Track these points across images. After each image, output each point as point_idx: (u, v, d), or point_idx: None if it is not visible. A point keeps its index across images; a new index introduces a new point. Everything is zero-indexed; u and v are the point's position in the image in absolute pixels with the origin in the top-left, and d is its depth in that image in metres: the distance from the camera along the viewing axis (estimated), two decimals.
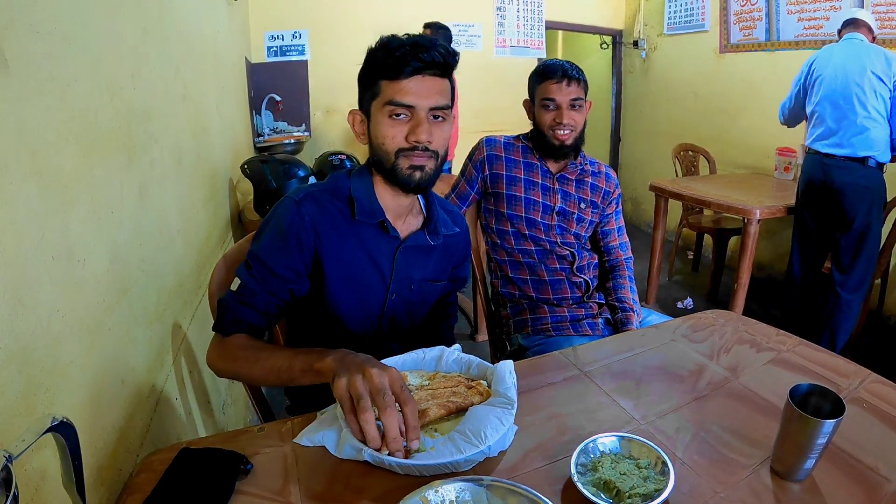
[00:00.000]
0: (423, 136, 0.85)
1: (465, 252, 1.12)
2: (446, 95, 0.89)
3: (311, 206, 0.90)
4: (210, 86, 1.95)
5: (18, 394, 0.57)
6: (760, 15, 3.34)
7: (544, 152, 1.46)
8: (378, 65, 0.87)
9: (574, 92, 1.38)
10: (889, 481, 0.67)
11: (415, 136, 0.86)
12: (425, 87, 0.85)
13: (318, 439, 0.73)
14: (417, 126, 0.86)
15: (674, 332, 1.09)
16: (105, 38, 0.91)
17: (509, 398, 0.77)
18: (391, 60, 0.84)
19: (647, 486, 0.63)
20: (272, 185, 2.10)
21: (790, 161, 3.07)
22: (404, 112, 0.86)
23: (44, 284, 0.64)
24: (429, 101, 0.86)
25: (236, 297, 0.89)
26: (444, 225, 1.01)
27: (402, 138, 0.87)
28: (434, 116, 0.88)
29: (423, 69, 0.85)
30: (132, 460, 0.84)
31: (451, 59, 0.88)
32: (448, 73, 0.89)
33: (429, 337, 1.09)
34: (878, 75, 2.12)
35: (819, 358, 0.98)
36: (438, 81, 0.87)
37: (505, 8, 4.18)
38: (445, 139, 0.91)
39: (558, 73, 1.37)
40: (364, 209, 0.92)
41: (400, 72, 0.84)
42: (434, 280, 1.05)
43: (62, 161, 0.71)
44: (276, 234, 0.89)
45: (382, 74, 0.86)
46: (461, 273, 1.13)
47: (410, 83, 0.85)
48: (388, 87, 0.86)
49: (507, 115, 4.35)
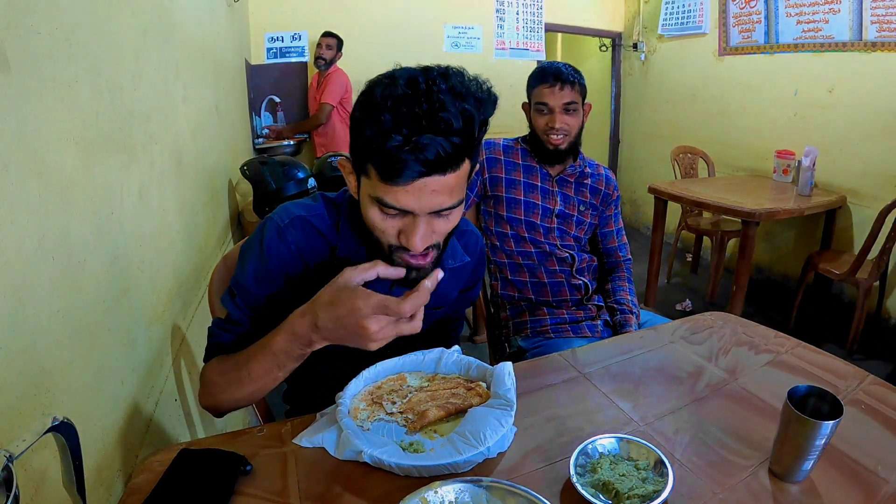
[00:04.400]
0: (417, 244, 0.69)
1: (477, 275, 1.01)
2: (458, 190, 0.69)
3: (297, 234, 0.80)
4: (210, 87, 1.95)
5: (18, 394, 0.57)
6: (759, 17, 3.35)
7: (541, 156, 1.47)
8: (366, 144, 0.65)
9: (568, 96, 1.37)
10: (887, 482, 0.67)
11: (407, 242, 0.69)
12: (427, 192, 0.66)
13: (318, 440, 0.73)
14: (412, 233, 0.68)
15: (673, 333, 1.09)
16: (105, 39, 0.91)
17: (508, 400, 0.77)
18: (382, 155, 0.63)
19: (645, 488, 0.63)
20: (272, 186, 2.10)
21: (789, 163, 3.08)
22: (397, 213, 0.69)
23: (44, 285, 0.64)
24: (431, 204, 0.67)
25: (222, 327, 0.82)
26: (453, 256, 0.90)
27: (393, 234, 0.71)
28: (439, 214, 0.70)
29: (427, 173, 0.64)
30: (132, 461, 0.84)
31: (474, 133, 0.66)
32: (466, 156, 0.68)
33: (433, 345, 1.05)
34: None
35: (817, 360, 0.98)
36: (452, 177, 0.66)
37: (504, 10, 4.19)
38: (452, 225, 0.73)
39: (552, 77, 1.37)
40: (348, 248, 0.82)
41: (396, 175, 0.64)
42: (435, 307, 0.94)
43: (62, 161, 0.72)
44: (261, 264, 0.80)
45: (371, 161, 0.66)
46: (471, 295, 1.03)
47: (408, 189, 0.65)
48: (378, 184, 0.67)
49: (506, 117, 4.30)
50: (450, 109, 0.62)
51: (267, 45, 3.63)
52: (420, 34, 3.95)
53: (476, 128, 0.66)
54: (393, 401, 0.79)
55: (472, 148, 0.69)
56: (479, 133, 0.68)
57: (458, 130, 0.63)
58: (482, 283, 1.59)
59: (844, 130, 2.93)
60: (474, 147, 0.69)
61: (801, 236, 3.22)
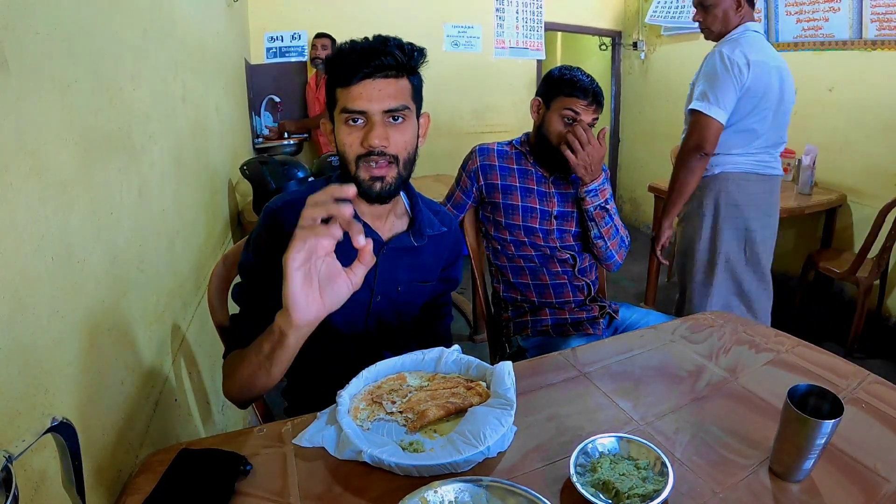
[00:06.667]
0: (375, 140, 0.83)
1: (455, 252, 1.10)
2: (403, 96, 0.86)
3: (290, 214, 0.87)
4: (209, 87, 1.95)
5: (18, 394, 0.57)
6: (759, 16, 3.34)
7: (545, 162, 1.43)
8: (333, 73, 0.86)
9: (595, 114, 1.36)
10: (888, 481, 0.67)
11: (368, 141, 0.84)
12: (376, 91, 0.83)
13: (318, 440, 0.73)
14: (370, 130, 0.84)
15: (673, 332, 1.09)
16: (105, 39, 0.91)
17: (508, 399, 0.77)
18: (342, 68, 0.84)
19: (645, 487, 0.63)
20: (271, 186, 2.10)
21: (789, 162, 3.08)
22: (360, 118, 0.85)
23: (44, 285, 0.64)
24: (381, 104, 0.84)
25: (236, 318, 0.94)
26: (430, 226, 0.99)
27: (358, 144, 0.85)
28: (392, 118, 0.86)
29: (374, 73, 0.83)
30: (132, 461, 0.84)
31: (408, 58, 0.85)
32: (407, 72, 0.87)
33: (424, 337, 1.08)
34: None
35: (818, 359, 0.98)
36: (392, 83, 0.85)
37: (504, 9, 4.18)
38: (407, 141, 0.88)
39: (590, 97, 1.33)
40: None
41: (350, 79, 0.83)
42: (423, 281, 1.03)
43: (62, 162, 0.72)
44: (260, 245, 0.90)
45: (337, 82, 0.86)
46: (452, 274, 1.11)
47: (360, 88, 0.83)
48: (342, 95, 0.85)
49: (505, 116, 4.37)
50: (396, 41, 0.86)
51: (266, 44, 3.63)
52: (420, 33, 3.91)
53: (409, 51, 0.86)
54: (393, 400, 0.79)
55: (410, 70, 0.87)
56: (413, 60, 0.86)
57: (395, 45, 0.84)
58: (476, 279, 1.59)
59: (845, 129, 2.93)
60: (412, 71, 0.88)
61: (802, 235, 3.22)
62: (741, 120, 1.76)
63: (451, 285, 1.13)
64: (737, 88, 1.70)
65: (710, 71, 1.73)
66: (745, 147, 1.80)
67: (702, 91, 1.75)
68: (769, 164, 1.85)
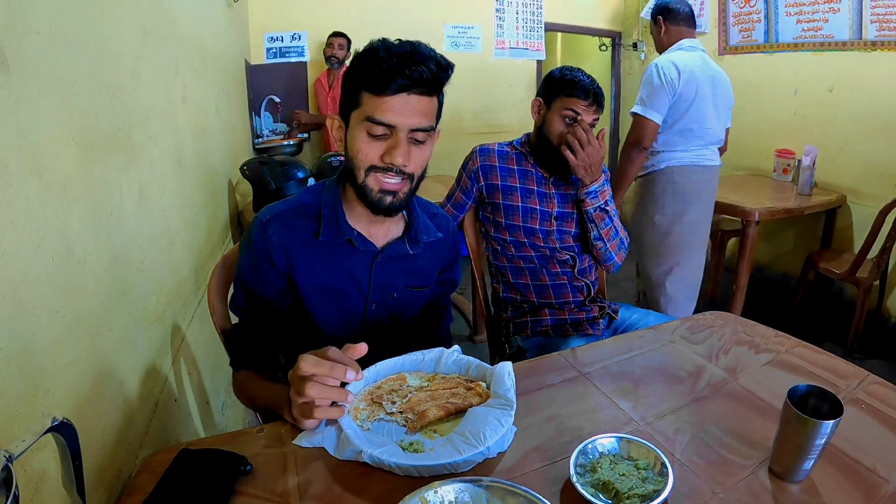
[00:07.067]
0: (399, 158, 0.81)
1: (452, 256, 1.08)
2: (431, 116, 0.84)
3: (278, 226, 0.90)
4: (209, 87, 1.95)
5: (18, 394, 0.57)
6: (759, 17, 3.35)
7: (545, 162, 1.43)
8: (362, 74, 0.81)
9: (596, 114, 1.37)
10: (887, 482, 0.67)
11: (390, 158, 0.82)
12: (409, 107, 0.80)
13: (318, 440, 0.73)
14: (395, 147, 0.81)
15: (672, 333, 1.09)
16: (105, 39, 0.91)
17: (508, 399, 0.77)
18: (376, 72, 0.79)
19: (645, 487, 0.63)
20: (271, 186, 2.10)
21: (789, 162, 3.08)
22: (383, 130, 0.82)
23: (44, 285, 0.64)
24: (411, 121, 0.81)
25: (237, 330, 0.97)
26: (426, 231, 0.98)
27: (376, 156, 0.83)
28: (415, 140, 0.83)
29: (410, 87, 0.79)
30: (132, 461, 0.84)
31: (444, 74, 0.82)
32: (438, 90, 0.84)
33: (424, 338, 1.07)
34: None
35: (817, 359, 0.98)
36: (425, 101, 0.82)
37: (504, 10, 4.18)
38: (424, 161, 0.87)
39: (590, 97, 1.34)
40: (330, 229, 0.90)
41: (384, 88, 0.79)
42: (419, 287, 1.02)
43: (62, 162, 0.72)
44: (252, 258, 0.91)
45: (365, 86, 0.81)
46: (451, 276, 1.10)
47: (394, 101, 0.79)
48: (370, 101, 0.81)
49: (505, 116, 4.37)
50: (430, 52, 0.81)
51: (267, 44, 3.63)
52: (420, 33, 3.83)
53: (444, 65, 0.82)
54: (393, 400, 0.79)
55: (441, 89, 0.85)
56: (446, 76, 0.83)
57: (437, 62, 0.80)
58: (475, 279, 1.60)
59: (844, 129, 2.93)
60: (442, 91, 0.85)
61: (801, 235, 3.22)
62: (678, 121, 2.07)
63: (449, 287, 1.12)
64: (669, 95, 2.01)
65: (647, 79, 2.05)
66: (686, 145, 2.11)
67: (640, 97, 2.06)
68: (707, 157, 2.15)
